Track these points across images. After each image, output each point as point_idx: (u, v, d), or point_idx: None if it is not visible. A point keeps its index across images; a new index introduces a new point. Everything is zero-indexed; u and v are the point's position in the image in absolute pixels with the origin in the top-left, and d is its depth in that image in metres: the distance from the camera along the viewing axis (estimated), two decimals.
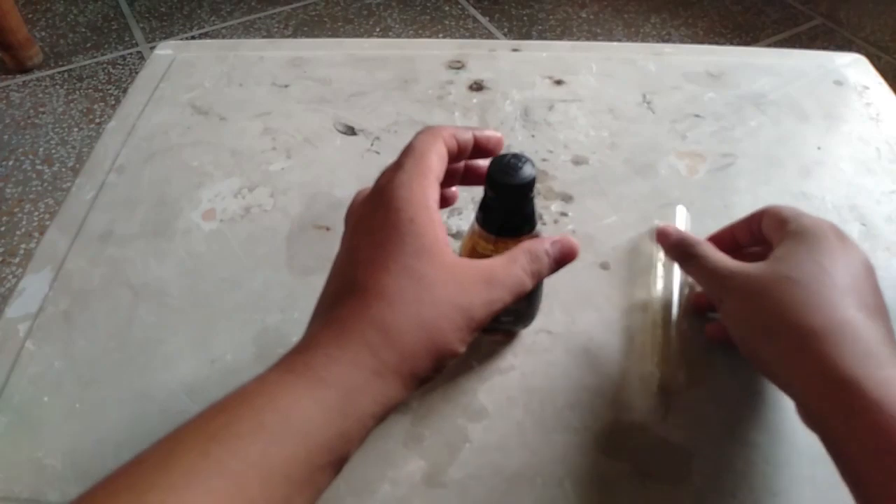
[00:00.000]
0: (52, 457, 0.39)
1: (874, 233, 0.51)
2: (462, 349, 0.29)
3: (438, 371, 0.29)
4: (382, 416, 0.28)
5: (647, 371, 0.42)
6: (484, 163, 0.36)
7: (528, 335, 0.44)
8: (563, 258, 0.33)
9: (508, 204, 0.34)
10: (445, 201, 0.37)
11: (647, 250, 0.49)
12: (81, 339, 0.44)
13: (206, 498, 0.23)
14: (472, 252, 0.37)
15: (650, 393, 0.41)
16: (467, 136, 0.34)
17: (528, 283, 0.31)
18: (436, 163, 0.32)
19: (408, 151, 0.32)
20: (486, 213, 0.36)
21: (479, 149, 0.35)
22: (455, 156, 0.34)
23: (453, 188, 0.38)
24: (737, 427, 0.40)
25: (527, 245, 0.32)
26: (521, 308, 0.41)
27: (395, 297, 0.28)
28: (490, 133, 0.35)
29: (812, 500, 0.37)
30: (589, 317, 0.45)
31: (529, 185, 0.33)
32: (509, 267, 0.31)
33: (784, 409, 0.41)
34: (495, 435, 0.40)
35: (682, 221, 0.50)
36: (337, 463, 0.27)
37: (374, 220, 0.30)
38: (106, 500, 0.24)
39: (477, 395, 0.41)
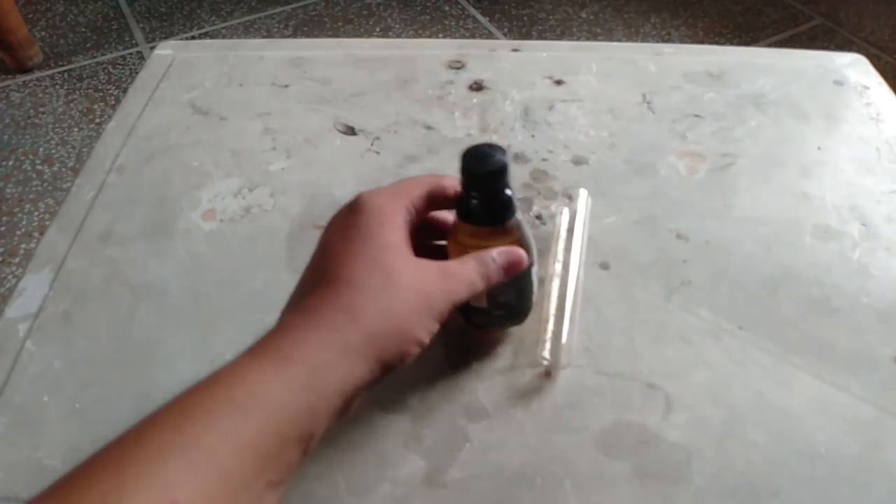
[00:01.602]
0: (52, 457, 0.39)
1: (874, 233, 0.51)
2: (425, 337, 0.31)
3: (403, 359, 0.31)
4: (349, 396, 0.29)
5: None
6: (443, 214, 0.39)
7: (529, 335, 0.44)
8: (510, 266, 0.36)
9: (483, 192, 0.35)
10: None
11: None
12: (81, 339, 0.44)
13: (181, 471, 0.24)
14: (455, 249, 0.38)
15: (649, 392, 0.41)
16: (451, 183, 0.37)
17: (479, 283, 0.34)
18: (415, 192, 0.35)
19: (397, 181, 0.36)
20: (463, 205, 0.36)
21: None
22: (440, 202, 0.37)
23: None
24: (737, 427, 0.40)
25: (476, 252, 0.35)
26: (512, 301, 0.40)
27: (363, 284, 0.30)
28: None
29: (812, 500, 0.37)
30: (588, 316, 0.45)
31: (501, 170, 0.34)
32: (462, 266, 0.34)
33: (784, 409, 0.41)
34: (495, 435, 0.40)
35: (583, 206, 0.50)
36: (305, 439, 0.28)
37: (347, 221, 0.33)
38: (84, 476, 0.24)
39: (477, 395, 0.41)
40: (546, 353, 0.42)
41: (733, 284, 0.47)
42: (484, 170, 0.34)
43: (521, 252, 0.36)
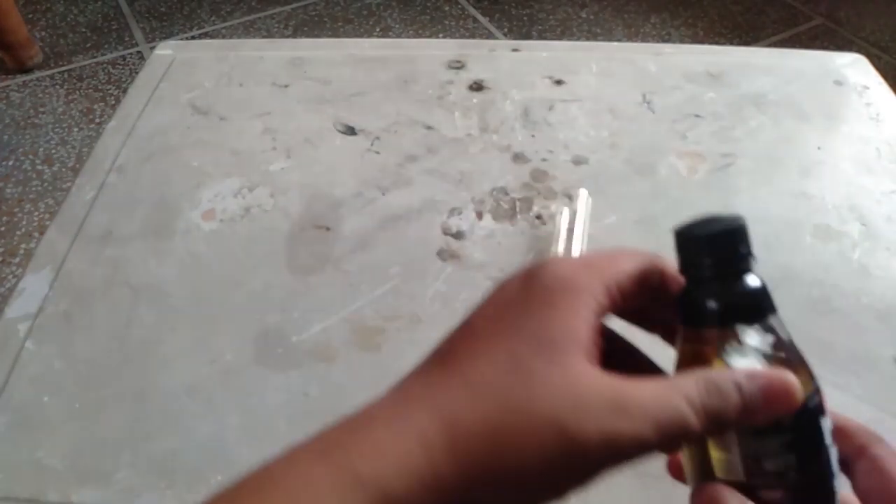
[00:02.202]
0: (52, 457, 0.39)
1: (874, 233, 0.51)
2: (555, 496, 0.21)
3: None
4: None
5: None
6: None
7: None
8: (772, 396, 0.22)
9: (697, 264, 0.24)
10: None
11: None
12: (81, 339, 0.44)
13: None
14: (682, 367, 0.26)
15: None
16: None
17: (692, 421, 0.21)
18: (624, 267, 0.24)
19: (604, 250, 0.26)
20: (684, 301, 0.25)
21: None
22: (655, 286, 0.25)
23: None
24: None
25: (707, 372, 0.22)
26: (790, 473, 0.23)
27: (479, 384, 0.21)
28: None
29: None
30: None
31: (738, 231, 0.24)
32: (663, 392, 0.21)
33: None
34: None
35: (583, 206, 0.50)
36: None
37: (510, 288, 0.24)
38: None
39: None
40: None
41: None
42: (711, 230, 0.24)
43: (790, 376, 0.22)
